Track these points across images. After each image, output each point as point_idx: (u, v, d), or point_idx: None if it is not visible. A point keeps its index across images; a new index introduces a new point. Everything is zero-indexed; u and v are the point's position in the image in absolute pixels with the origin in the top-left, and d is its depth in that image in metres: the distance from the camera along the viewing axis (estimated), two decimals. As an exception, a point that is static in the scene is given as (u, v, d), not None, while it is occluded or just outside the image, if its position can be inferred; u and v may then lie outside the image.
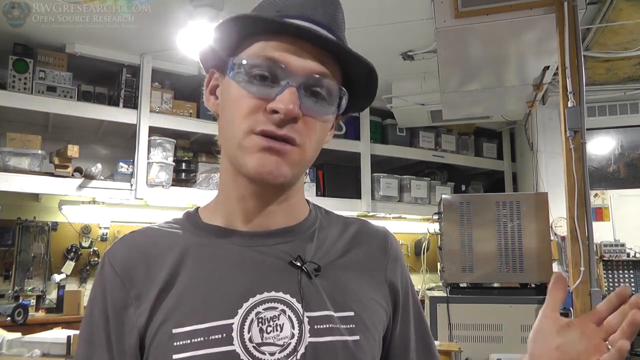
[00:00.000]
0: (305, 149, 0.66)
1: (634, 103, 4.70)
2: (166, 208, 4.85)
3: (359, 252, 0.75)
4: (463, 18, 2.67)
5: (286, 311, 0.64)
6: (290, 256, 0.67)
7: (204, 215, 0.74)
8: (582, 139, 2.38)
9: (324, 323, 0.64)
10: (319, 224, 0.76)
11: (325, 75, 0.66)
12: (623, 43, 3.75)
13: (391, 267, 0.77)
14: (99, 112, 4.19)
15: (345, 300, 0.68)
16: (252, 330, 0.62)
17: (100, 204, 4.45)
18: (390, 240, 0.79)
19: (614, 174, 4.87)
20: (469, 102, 3.96)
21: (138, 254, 0.68)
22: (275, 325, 0.63)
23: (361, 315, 0.68)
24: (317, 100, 0.66)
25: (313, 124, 0.66)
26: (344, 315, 0.66)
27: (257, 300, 0.63)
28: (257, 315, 0.63)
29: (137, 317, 0.64)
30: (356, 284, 0.71)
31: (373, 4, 3.34)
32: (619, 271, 4.64)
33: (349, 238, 0.76)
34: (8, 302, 4.07)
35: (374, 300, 0.72)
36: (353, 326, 0.66)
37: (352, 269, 0.72)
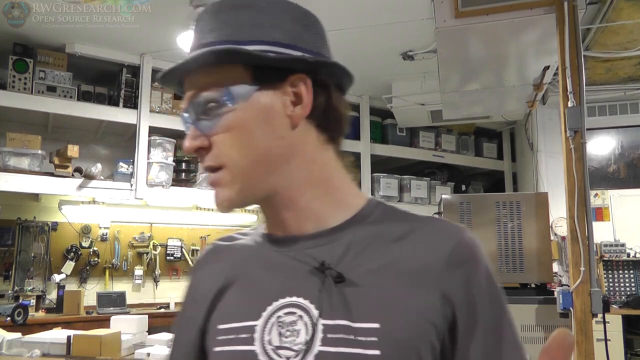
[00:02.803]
0: (226, 164, 0.65)
1: (634, 103, 4.71)
2: (166, 208, 4.85)
3: (408, 254, 0.65)
4: (463, 18, 2.67)
5: (303, 317, 0.63)
6: (315, 261, 0.65)
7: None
8: (582, 139, 2.38)
9: (338, 333, 0.61)
10: (363, 226, 0.68)
11: (196, 95, 0.66)
12: (623, 43, 3.75)
13: (449, 275, 0.64)
14: (99, 112, 4.19)
15: (370, 310, 0.62)
16: (272, 333, 0.63)
17: (100, 204, 4.45)
18: (456, 243, 0.65)
19: (614, 174, 4.87)
20: (469, 102, 3.96)
21: (213, 256, 0.77)
22: (293, 330, 0.63)
23: (390, 329, 0.61)
24: (208, 116, 0.65)
25: (223, 139, 0.65)
26: (365, 327, 0.61)
27: (280, 305, 0.65)
28: (278, 319, 0.64)
29: (199, 311, 0.72)
30: (391, 293, 0.63)
31: (373, 4, 3.34)
32: (619, 271, 4.64)
33: (397, 237, 0.66)
34: (8, 302, 4.07)
35: (417, 312, 0.62)
36: (375, 339, 0.60)
37: (392, 275, 0.64)
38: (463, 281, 0.64)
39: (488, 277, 0.66)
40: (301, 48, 0.66)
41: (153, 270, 4.93)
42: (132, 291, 4.82)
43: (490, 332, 0.64)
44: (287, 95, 0.65)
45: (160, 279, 4.95)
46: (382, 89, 4.85)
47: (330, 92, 0.68)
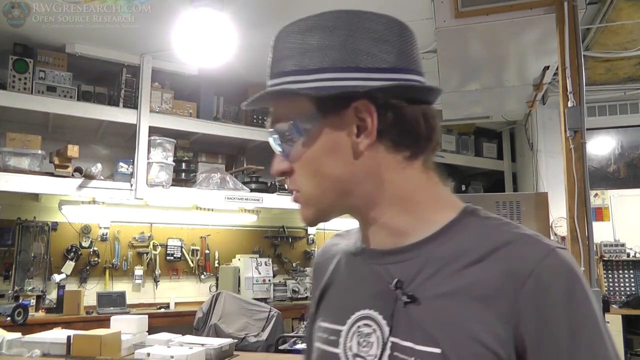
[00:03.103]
0: (302, 190, 0.69)
1: (634, 103, 4.71)
2: (166, 208, 4.85)
3: (483, 280, 0.61)
4: (463, 18, 2.67)
5: (376, 332, 0.66)
6: (393, 278, 0.66)
7: None
8: (582, 139, 2.38)
9: (404, 353, 0.62)
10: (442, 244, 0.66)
11: (275, 122, 0.70)
12: (623, 43, 3.76)
13: (524, 301, 0.59)
14: (99, 112, 4.19)
15: (435, 335, 0.61)
16: (352, 340, 0.68)
17: (100, 204, 4.45)
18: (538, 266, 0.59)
19: (614, 174, 4.87)
20: (469, 102, 3.96)
21: (322, 255, 0.85)
22: (368, 342, 0.66)
23: (450, 355, 0.59)
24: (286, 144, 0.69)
25: (299, 164, 0.69)
26: (427, 351, 0.61)
27: (360, 315, 0.69)
28: (358, 329, 0.68)
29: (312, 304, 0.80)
30: (458, 318, 0.61)
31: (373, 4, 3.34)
32: (619, 271, 4.64)
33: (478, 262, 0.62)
34: (8, 302, 4.07)
35: (479, 340, 0.59)
36: None
37: (462, 300, 0.61)
38: (542, 311, 0.59)
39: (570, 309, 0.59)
40: (365, 68, 0.64)
41: (153, 270, 4.93)
42: (132, 291, 4.82)
43: None
44: (352, 123, 0.65)
45: (160, 279, 4.95)
46: (382, 89, 4.84)
47: (399, 111, 0.65)
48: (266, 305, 3.94)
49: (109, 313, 3.97)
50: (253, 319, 3.75)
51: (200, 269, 5.19)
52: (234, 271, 4.86)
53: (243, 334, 3.59)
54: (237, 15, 3.34)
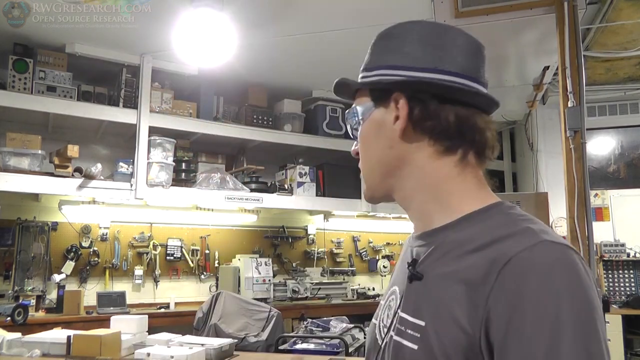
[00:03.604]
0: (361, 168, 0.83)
1: (634, 103, 4.71)
2: (166, 208, 4.85)
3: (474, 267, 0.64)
4: (463, 18, 2.67)
5: (393, 306, 0.78)
6: (412, 259, 0.76)
7: None
8: (582, 139, 2.38)
9: (401, 324, 0.72)
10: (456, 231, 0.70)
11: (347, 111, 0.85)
12: (623, 43, 3.76)
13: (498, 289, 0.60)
14: (99, 112, 4.19)
15: (423, 308, 0.69)
16: (384, 312, 0.80)
17: (100, 204, 4.45)
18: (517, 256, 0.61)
19: (614, 174, 4.87)
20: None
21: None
22: (389, 314, 0.78)
23: (430, 329, 0.65)
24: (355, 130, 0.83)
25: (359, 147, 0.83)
26: (415, 322, 0.69)
27: (391, 291, 0.81)
28: (388, 303, 0.80)
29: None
30: (446, 297, 0.65)
31: (373, 4, 3.34)
32: (618, 271, 4.64)
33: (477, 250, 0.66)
34: (8, 302, 4.06)
35: (456, 320, 0.63)
36: (418, 335, 0.68)
37: (454, 282, 0.65)
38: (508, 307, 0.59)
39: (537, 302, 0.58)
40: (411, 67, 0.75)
41: (153, 270, 4.93)
42: (132, 291, 4.82)
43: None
44: (392, 112, 0.76)
45: (160, 279, 4.95)
46: (382, 89, 4.84)
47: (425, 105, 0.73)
48: (266, 305, 3.94)
49: (109, 313, 3.97)
50: (253, 319, 3.75)
51: (200, 269, 5.19)
52: (234, 271, 4.86)
53: (243, 334, 3.59)
54: (237, 15, 3.34)
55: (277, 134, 4.99)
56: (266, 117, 5.02)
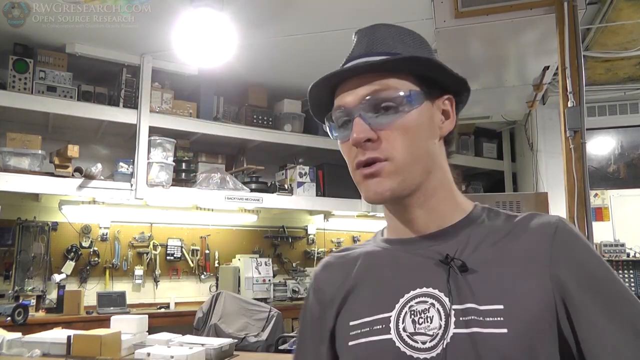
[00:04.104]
0: (394, 157, 0.74)
1: (634, 103, 4.70)
2: (166, 208, 4.85)
3: (517, 246, 0.73)
4: (463, 18, 2.67)
5: (435, 304, 0.71)
6: (441, 255, 0.74)
7: (386, 231, 0.87)
8: (582, 139, 2.38)
9: (468, 315, 0.68)
10: (477, 225, 0.78)
11: (377, 91, 0.74)
12: (623, 43, 3.75)
13: (556, 258, 0.70)
14: (99, 112, 4.19)
15: (494, 294, 0.69)
16: (405, 321, 0.71)
17: (100, 204, 4.45)
18: (557, 228, 0.73)
19: (614, 174, 4.87)
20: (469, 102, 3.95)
21: (333, 268, 0.86)
22: (426, 317, 0.70)
23: (512, 309, 0.67)
24: (384, 113, 0.74)
25: (391, 134, 0.74)
26: (491, 309, 0.68)
27: (411, 296, 0.73)
28: (410, 309, 0.72)
29: (329, 319, 0.81)
30: (509, 278, 0.70)
31: (373, 4, 3.35)
32: (619, 271, 4.63)
33: (506, 233, 0.75)
34: (8, 302, 4.07)
35: (533, 294, 0.68)
36: (501, 319, 0.67)
37: (507, 264, 0.71)
38: (568, 260, 0.71)
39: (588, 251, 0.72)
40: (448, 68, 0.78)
41: (153, 270, 4.93)
42: (132, 291, 4.82)
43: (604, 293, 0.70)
44: (439, 110, 0.79)
45: (160, 279, 4.95)
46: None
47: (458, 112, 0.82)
48: (266, 305, 3.94)
49: (109, 313, 3.97)
50: (253, 319, 3.75)
51: (200, 269, 5.19)
52: (234, 271, 4.86)
53: (243, 334, 3.59)
54: (237, 15, 3.34)
55: (277, 134, 4.99)
56: (266, 117, 5.02)
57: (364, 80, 0.76)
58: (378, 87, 0.75)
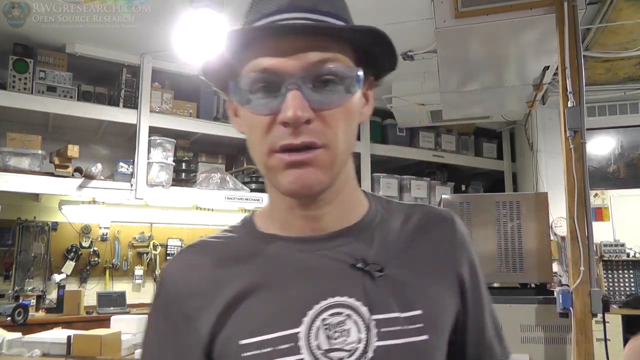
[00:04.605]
0: (331, 146, 0.61)
1: (634, 103, 4.70)
2: (166, 208, 4.85)
3: (424, 244, 0.70)
4: (463, 18, 2.67)
5: (352, 316, 0.62)
6: (353, 258, 0.65)
7: (261, 223, 0.72)
8: (582, 139, 2.38)
9: (390, 326, 0.62)
10: (380, 218, 0.71)
11: (327, 60, 0.60)
12: (623, 43, 3.75)
13: (459, 257, 0.71)
14: (99, 112, 4.19)
15: (411, 298, 0.65)
16: (319, 337, 0.61)
17: (100, 204, 4.45)
18: (456, 226, 0.73)
19: (614, 174, 4.87)
20: (469, 102, 3.96)
21: (198, 268, 0.68)
22: (342, 330, 0.62)
23: (429, 313, 0.65)
24: (327, 89, 0.61)
25: (332, 117, 0.61)
26: (411, 315, 0.64)
27: (322, 307, 0.63)
28: (323, 322, 0.62)
29: (199, 330, 0.65)
30: (423, 280, 0.67)
31: (373, 4, 3.34)
32: (619, 271, 4.64)
33: (412, 229, 0.71)
34: (8, 302, 4.07)
35: (443, 295, 0.68)
36: (421, 325, 0.64)
37: (418, 264, 0.68)
38: (467, 261, 0.72)
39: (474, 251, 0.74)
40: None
41: (153, 270, 4.93)
42: (132, 291, 4.82)
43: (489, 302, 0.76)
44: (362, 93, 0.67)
45: (160, 279, 4.95)
46: (382, 89, 4.81)
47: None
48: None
49: (109, 313, 3.97)
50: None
51: (200, 269, 5.19)
52: (234, 271, 4.86)
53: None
54: (237, 16, 3.34)
55: (277, 134, 4.99)
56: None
57: (309, 43, 0.60)
58: (329, 56, 0.60)
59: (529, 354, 2.76)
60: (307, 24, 0.60)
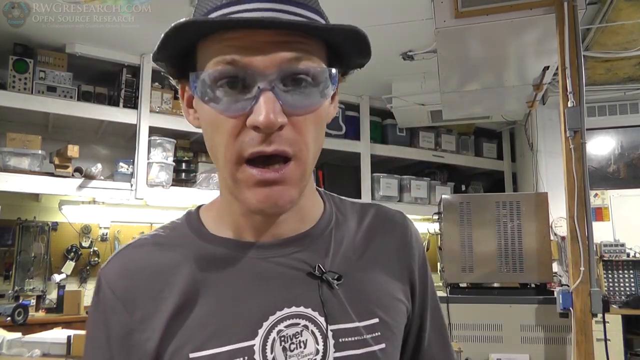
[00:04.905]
0: (301, 157, 0.56)
1: (634, 103, 4.70)
2: (166, 208, 4.85)
3: (378, 246, 0.69)
4: (463, 18, 2.67)
5: (309, 326, 0.60)
6: (309, 266, 0.62)
7: (210, 224, 0.66)
8: (582, 139, 2.38)
9: (349, 336, 0.61)
10: (335, 220, 0.68)
11: (301, 58, 0.55)
12: (623, 43, 3.75)
13: (411, 259, 0.71)
14: (99, 112, 4.19)
15: (368, 306, 0.64)
16: (275, 350, 0.58)
17: (100, 204, 4.45)
18: (409, 229, 0.72)
19: (614, 174, 4.87)
20: (469, 102, 3.96)
21: (140, 272, 0.62)
22: (299, 342, 0.59)
23: (385, 320, 0.64)
24: (299, 90, 0.55)
25: (303, 123, 0.56)
26: (369, 324, 0.63)
27: (278, 318, 0.60)
28: (279, 334, 0.59)
29: (145, 342, 0.59)
30: (378, 285, 0.66)
31: (373, 4, 3.34)
32: (619, 271, 4.64)
33: (366, 231, 0.69)
34: (8, 302, 4.07)
35: (397, 299, 0.68)
36: (379, 334, 0.63)
37: (373, 268, 0.67)
38: (419, 263, 0.72)
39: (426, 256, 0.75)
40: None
41: (153, 270, 4.93)
42: (132, 291, 4.82)
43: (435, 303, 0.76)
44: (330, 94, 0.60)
45: (160, 279, 4.95)
46: (382, 89, 4.85)
47: None
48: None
49: (109, 313, 3.97)
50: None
51: (200, 269, 5.19)
52: (234, 271, 4.86)
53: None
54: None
55: (277, 134, 4.99)
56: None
57: (283, 37, 0.54)
58: (301, 54, 0.55)
59: (529, 354, 2.76)
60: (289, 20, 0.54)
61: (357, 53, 0.60)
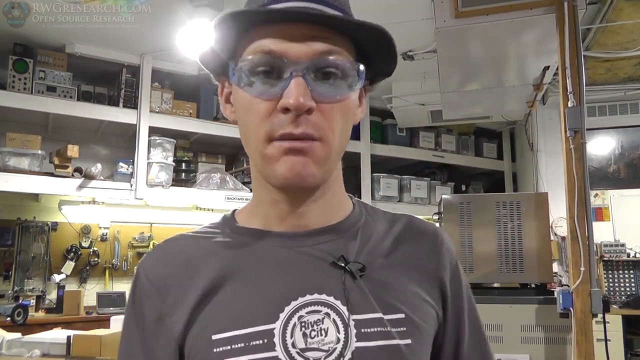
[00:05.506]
0: (327, 141, 0.60)
1: (634, 103, 4.70)
2: (166, 208, 4.85)
3: (407, 250, 0.69)
4: (463, 18, 2.67)
5: (330, 314, 0.60)
6: (333, 256, 0.63)
7: (241, 218, 0.71)
8: (582, 139, 2.38)
9: (372, 326, 0.60)
10: (364, 220, 0.70)
11: (332, 52, 0.60)
12: (623, 43, 3.75)
13: (441, 267, 0.70)
14: (99, 112, 4.19)
15: (394, 301, 0.63)
16: (295, 335, 0.59)
17: (100, 204, 4.45)
18: (440, 236, 0.72)
19: (614, 174, 4.87)
20: (469, 102, 3.96)
21: (174, 262, 0.67)
22: (320, 329, 0.60)
23: (412, 317, 0.63)
24: (329, 82, 0.60)
25: (330, 111, 0.60)
26: (394, 318, 0.62)
27: (300, 304, 0.61)
28: (300, 319, 0.60)
29: (173, 326, 0.63)
30: (404, 284, 0.65)
31: (373, 4, 3.34)
32: (619, 271, 4.64)
33: (395, 235, 0.69)
34: (8, 302, 4.07)
35: (424, 300, 0.66)
36: (404, 329, 0.62)
37: (400, 268, 0.66)
38: (451, 273, 0.71)
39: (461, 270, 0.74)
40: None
41: (153, 270, 4.93)
42: (132, 291, 4.82)
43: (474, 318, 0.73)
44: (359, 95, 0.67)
45: (160, 279, 4.95)
46: (382, 89, 4.85)
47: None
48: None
49: (109, 313, 3.97)
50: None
51: (200, 269, 5.19)
52: (234, 271, 4.85)
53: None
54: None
55: (277, 134, 4.99)
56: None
57: (315, 32, 0.59)
58: (333, 48, 0.60)
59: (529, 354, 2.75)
60: (319, 11, 0.59)
61: (383, 55, 0.64)
